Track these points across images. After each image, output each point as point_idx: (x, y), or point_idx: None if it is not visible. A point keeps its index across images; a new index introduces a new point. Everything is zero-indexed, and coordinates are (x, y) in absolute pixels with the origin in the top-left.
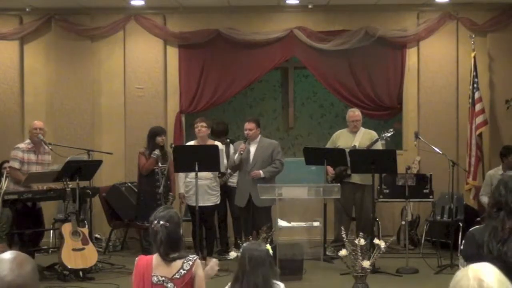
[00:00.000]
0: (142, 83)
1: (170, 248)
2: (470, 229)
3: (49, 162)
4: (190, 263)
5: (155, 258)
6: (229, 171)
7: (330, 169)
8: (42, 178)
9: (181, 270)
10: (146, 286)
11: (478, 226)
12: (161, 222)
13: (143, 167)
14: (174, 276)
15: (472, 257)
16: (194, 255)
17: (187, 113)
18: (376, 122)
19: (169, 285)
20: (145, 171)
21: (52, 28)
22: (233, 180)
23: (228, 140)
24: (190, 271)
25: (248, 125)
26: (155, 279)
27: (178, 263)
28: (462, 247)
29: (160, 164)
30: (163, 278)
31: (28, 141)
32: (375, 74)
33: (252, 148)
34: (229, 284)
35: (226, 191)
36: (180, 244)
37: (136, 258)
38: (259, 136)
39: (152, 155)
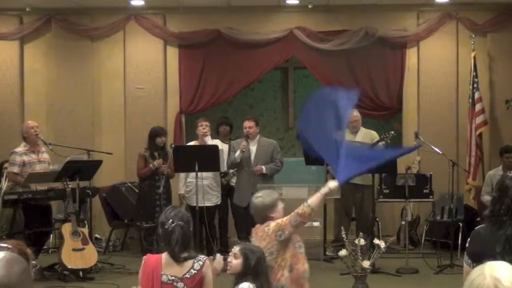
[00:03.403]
0: (142, 83)
1: (184, 247)
2: (476, 228)
3: (49, 161)
4: (201, 263)
5: (164, 257)
6: (231, 170)
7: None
8: (42, 178)
9: (192, 270)
10: (156, 285)
11: (483, 225)
12: (176, 221)
13: (139, 171)
14: (185, 276)
15: (478, 256)
16: (204, 256)
17: (187, 113)
18: (376, 122)
19: (179, 284)
20: (140, 175)
21: (52, 28)
22: (235, 180)
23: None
24: (201, 271)
25: (248, 123)
26: (164, 278)
27: (189, 262)
28: (467, 245)
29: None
30: (173, 278)
31: (23, 143)
32: (375, 74)
33: (253, 147)
34: (250, 285)
35: (228, 191)
36: (191, 244)
37: (144, 257)
38: (258, 135)
39: (151, 165)
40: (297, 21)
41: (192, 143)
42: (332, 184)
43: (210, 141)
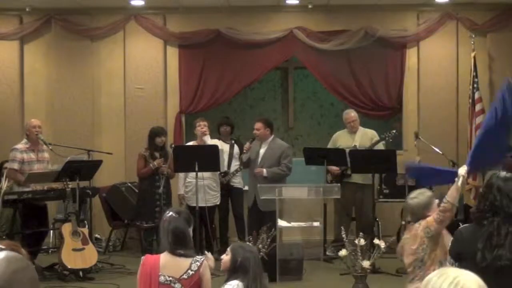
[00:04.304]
0: (142, 83)
1: (177, 241)
2: (459, 227)
3: (48, 159)
4: (198, 263)
5: (163, 257)
6: (231, 170)
7: (334, 167)
8: (42, 178)
9: (189, 271)
10: (153, 286)
11: (467, 224)
12: (171, 212)
13: (139, 171)
14: (182, 277)
15: (460, 255)
16: (202, 256)
17: (187, 113)
18: (376, 122)
19: (176, 285)
20: (140, 175)
21: (52, 28)
22: (235, 180)
23: (233, 142)
24: (198, 272)
25: (256, 125)
26: (162, 278)
27: (186, 263)
28: (450, 245)
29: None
30: (171, 278)
31: (25, 140)
32: (375, 74)
33: (262, 150)
34: (239, 283)
35: (229, 191)
36: (186, 241)
37: (142, 257)
38: (271, 137)
39: (151, 165)
40: (297, 21)
41: (190, 143)
42: (462, 169)
43: (209, 140)
